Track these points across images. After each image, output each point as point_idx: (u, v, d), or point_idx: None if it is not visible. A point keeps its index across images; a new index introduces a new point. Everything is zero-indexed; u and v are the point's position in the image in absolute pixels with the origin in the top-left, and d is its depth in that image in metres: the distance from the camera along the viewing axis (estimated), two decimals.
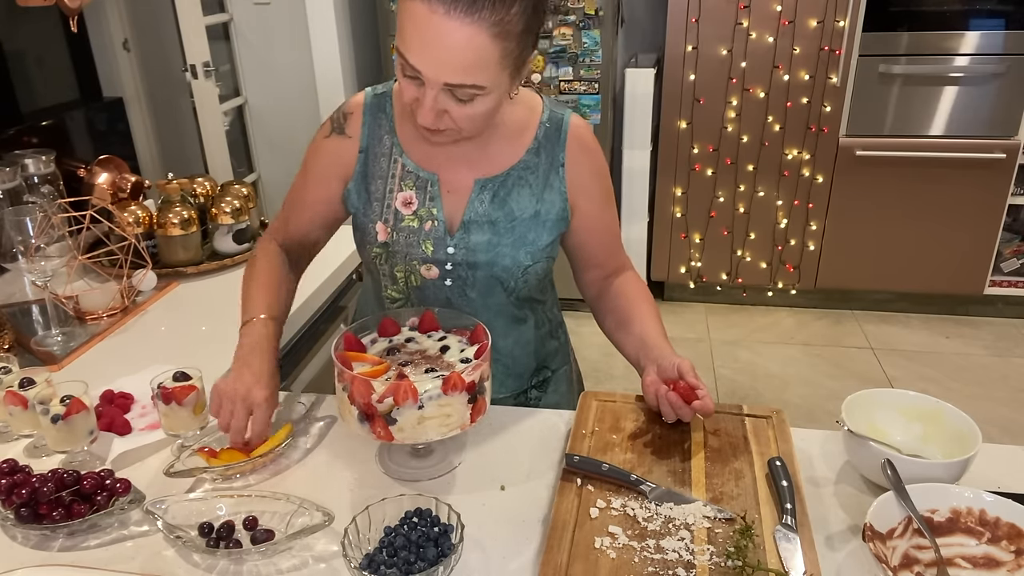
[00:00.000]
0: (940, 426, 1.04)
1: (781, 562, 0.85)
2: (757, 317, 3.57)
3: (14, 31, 2.27)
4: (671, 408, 1.07)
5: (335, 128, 1.20)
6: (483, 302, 1.21)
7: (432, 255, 1.17)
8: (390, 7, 3.19)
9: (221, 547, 0.89)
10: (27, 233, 1.33)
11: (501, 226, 1.16)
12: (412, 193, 1.17)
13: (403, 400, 0.93)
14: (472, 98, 0.99)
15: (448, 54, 0.94)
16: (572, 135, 1.18)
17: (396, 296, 1.24)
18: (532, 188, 1.17)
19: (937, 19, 3.03)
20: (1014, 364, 3.15)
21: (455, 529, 0.87)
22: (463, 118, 1.02)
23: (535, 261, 1.18)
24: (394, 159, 1.18)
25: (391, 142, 1.18)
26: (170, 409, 1.07)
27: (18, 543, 0.94)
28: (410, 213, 1.16)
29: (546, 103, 1.20)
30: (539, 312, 1.30)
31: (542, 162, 1.17)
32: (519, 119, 1.17)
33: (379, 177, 1.18)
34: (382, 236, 1.18)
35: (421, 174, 1.17)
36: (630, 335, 1.21)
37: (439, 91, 0.98)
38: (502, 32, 0.94)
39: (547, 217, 1.17)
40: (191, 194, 1.79)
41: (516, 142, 1.17)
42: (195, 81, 2.89)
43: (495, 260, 1.16)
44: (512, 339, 1.26)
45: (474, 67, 0.95)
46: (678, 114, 3.30)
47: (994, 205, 3.23)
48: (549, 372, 1.34)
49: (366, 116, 1.19)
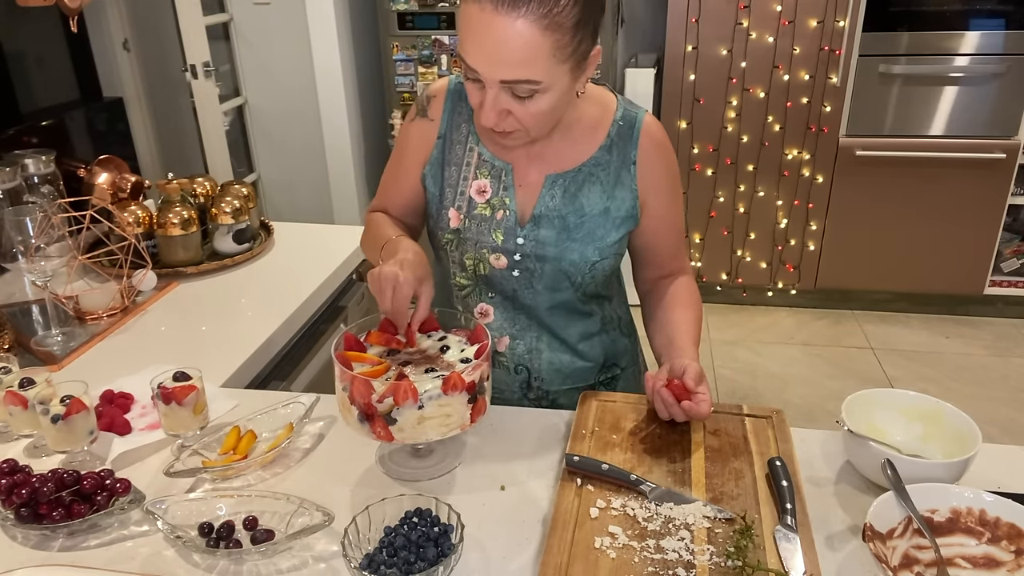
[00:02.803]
0: (940, 426, 1.04)
1: (781, 562, 0.85)
2: (757, 317, 3.57)
3: (14, 31, 2.27)
4: (663, 404, 1.07)
5: (419, 111, 1.23)
6: (549, 295, 1.22)
7: (502, 245, 1.18)
8: (390, 7, 3.19)
9: (221, 547, 0.89)
10: (27, 233, 1.33)
11: (571, 221, 1.17)
12: (487, 182, 1.18)
13: (403, 400, 0.93)
14: (531, 94, 1.01)
15: (499, 50, 0.96)
16: (645, 133, 1.19)
17: (464, 283, 1.24)
18: (603, 185, 1.18)
19: (937, 19, 3.03)
20: (1014, 364, 3.15)
21: (455, 529, 0.87)
22: (526, 116, 1.03)
23: (603, 257, 1.19)
24: (470, 147, 1.19)
25: (468, 130, 1.20)
26: (170, 409, 1.07)
27: (18, 543, 0.94)
28: (483, 201, 1.18)
29: (620, 101, 1.21)
30: (606, 308, 1.30)
31: (614, 159, 1.18)
32: (593, 116, 1.18)
33: (454, 164, 1.20)
34: (454, 222, 1.19)
35: (497, 163, 1.18)
36: (662, 333, 1.23)
37: (498, 90, 1.00)
38: (552, 24, 0.95)
39: (617, 214, 1.18)
40: (191, 194, 1.79)
41: (589, 139, 1.18)
42: (195, 81, 2.89)
43: (563, 255, 1.17)
44: (577, 331, 1.26)
45: (527, 61, 0.97)
46: (678, 114, 3.30)
47: (994, 205, 3.22)
48: (618, 370, 1.34)
49: (448, 101, 1.21)
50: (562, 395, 1.28)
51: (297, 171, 3.66)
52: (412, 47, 3.25)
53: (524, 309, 1.23)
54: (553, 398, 1.28)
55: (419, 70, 3.29)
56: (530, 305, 1.22)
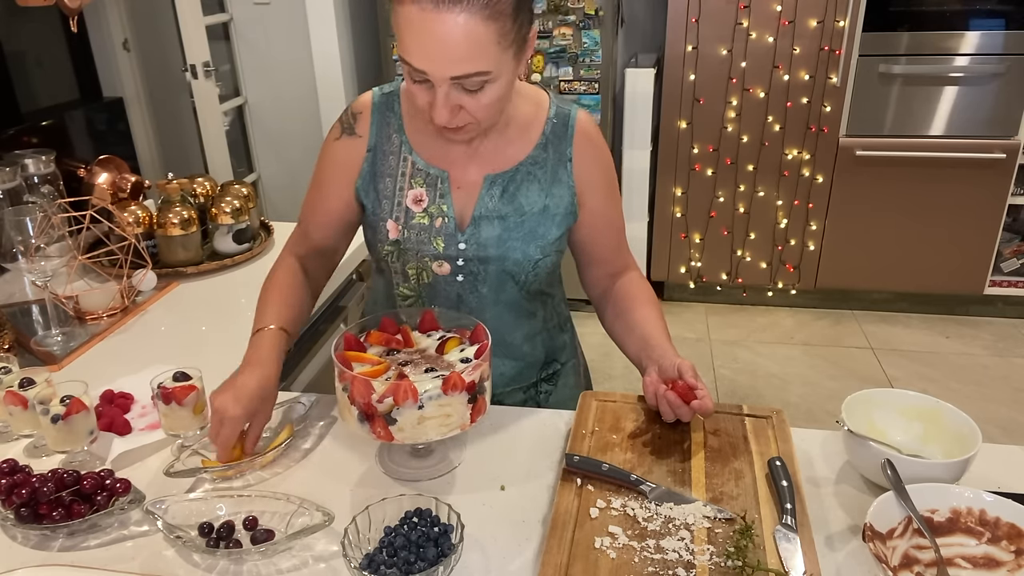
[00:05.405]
0: (940, 426, 1.04)
1: (781, 562, 0.85)
2: (757, 317, 3.57)
3: (14, 31, 2.27)
4: (670, 408, 1.07)
5: (345, 129, 1.21)
6: (494, 297, 1.22)
7: (443, 251, 1.17)
8: (390, 7, 3.19)
9: (221, 547, 0.89)
10: (27, 233, 1.33)
11: (511, 221, 1.17)
12: (423, 191, 1.17)
13: (403, 400, 0.93)
14: (482, 86, 1.00)
15: (447, 47, 0.95)
16: (579, 130, 1.19)
17: (408, 294, 1.24)
18: (541, 183, 1.18)
19: (937, 19, 3.03)
20: (1014, 364, 3.15)
21: (455, 529, 0.87)
22: (478, 108, 1.03)
23: (545, 255, 1.19)
24: (403, 157, 1.18)
25: (400, 140, 1.19)
26: (170, 409, 1.07)
27: (18, 543, 0.94)
28: (420, 210, 1.17)
29: (552, 99, 1.21)
30: (548, 306, 1.31)
31: (550, 157, 1.19)
32: (526, 115, 1.18)
33: (388, 175, 1.19)
34: (393, 234, 1.18)
35: (431, 171, 1.17)
36: (633, 335, 1.22)
37: (448, 87, 1.00)
38: (493, 13, 0.95)
39: (556, 211, 1.18)
40: (191, 194, 1.79)
41: (524, 137, 1.18)
42: (195, 81, 2.90)
43: (506, 254, 1.17)
44: (522, 332, 1.27)
45: (474, 54, 0.96)
46: (678, 114, 3.30)
47: (994, 205, 3.23)
48: (559, 365, 1.35)
49: (374, 115, 1.20)
50: (506, 395, 1.29)
51: (297, 171, 3.66)
52: None
53: (469, 314, 1.21)
54: (498, 399, 1.28)
55: None
56: (475, 309, 1.22)
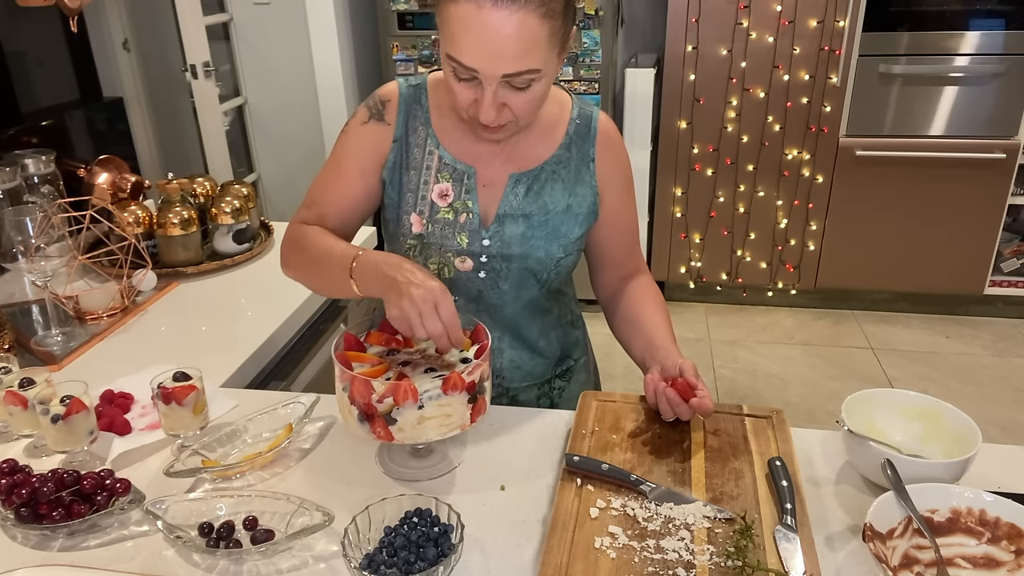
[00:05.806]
0: (940, 426, 1.04)
1: (781, 562, 0.85)
2: (757, 317, 3.57)
3: (14, 31, 2.27)
4: (669, 405, 1.07)
5: (373, 114, 1.20)
6: (515, 294, 1.22)
7: (467, 247, 1.18)
8: (390, 7, 3.19)
9: (221, 547, 0.89)
10: (27, 233, 1.33)
11: (535, 219, 1.18)
12: (449, 185, 1.18)
13: (403, 400, 0.93)
14: (529, 84, 1.01)
15: (503, 45, 0.96)
16: (602, 131, 1.22)
17: None
18: (565, 182, 1.19)
19: (937, 19, 3.03)
20: (1014, 364, 3.15)
21: (455, 529, 0.87)
22: (522, 106, 1.04)
23: (567, 254, 1.21)
24: (430, 151, 1.18)
25: (426, 134, 1.19)
26: (170, 409, 1.07)
27: (18, 543, 0.94)
28: (446, 205, 1.18)
29: (574, 100, 1.23)
30: (562, 303, 1.32)
31: (574, 157, 1.20)
32: (551, 115, 1.20)
33: (413, 168, 1.19)
34: (417, 228, 1.19)
35: (459, 167, 1.18)
36: (638, 336, 1.23)
37: (498, 85, 1.00)
38: (549, 11, 0.97)
39: (579, 211, 1.20)
40: (191, 194, 1.79)
41: (548, 137, 1.20)
42: (195, 81, 2.89)
43: (529, 252, 1.18)
44: (538, 329, 1.28)
45: (529, 52, 0.98)
46: (678, 114, 3.30)
47: (994, 205, 3.22)
48: (572, 361, 1.36)
49: (402, 105, 1.20)
50: (522, 391, 1.29)
51: (297, 171, 3.66)
52: (412, 47, 3.25)
53: (488, 310, 1.23)
54: (513, 395, 1.29)
55: (419, 70, 3.29)
56: (495, 305, 1.22)
